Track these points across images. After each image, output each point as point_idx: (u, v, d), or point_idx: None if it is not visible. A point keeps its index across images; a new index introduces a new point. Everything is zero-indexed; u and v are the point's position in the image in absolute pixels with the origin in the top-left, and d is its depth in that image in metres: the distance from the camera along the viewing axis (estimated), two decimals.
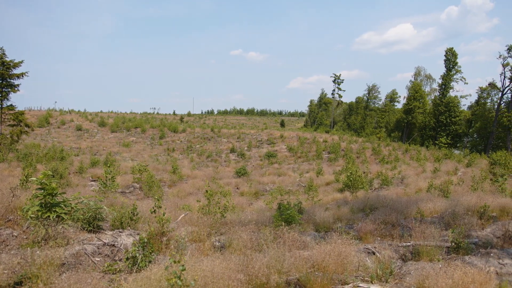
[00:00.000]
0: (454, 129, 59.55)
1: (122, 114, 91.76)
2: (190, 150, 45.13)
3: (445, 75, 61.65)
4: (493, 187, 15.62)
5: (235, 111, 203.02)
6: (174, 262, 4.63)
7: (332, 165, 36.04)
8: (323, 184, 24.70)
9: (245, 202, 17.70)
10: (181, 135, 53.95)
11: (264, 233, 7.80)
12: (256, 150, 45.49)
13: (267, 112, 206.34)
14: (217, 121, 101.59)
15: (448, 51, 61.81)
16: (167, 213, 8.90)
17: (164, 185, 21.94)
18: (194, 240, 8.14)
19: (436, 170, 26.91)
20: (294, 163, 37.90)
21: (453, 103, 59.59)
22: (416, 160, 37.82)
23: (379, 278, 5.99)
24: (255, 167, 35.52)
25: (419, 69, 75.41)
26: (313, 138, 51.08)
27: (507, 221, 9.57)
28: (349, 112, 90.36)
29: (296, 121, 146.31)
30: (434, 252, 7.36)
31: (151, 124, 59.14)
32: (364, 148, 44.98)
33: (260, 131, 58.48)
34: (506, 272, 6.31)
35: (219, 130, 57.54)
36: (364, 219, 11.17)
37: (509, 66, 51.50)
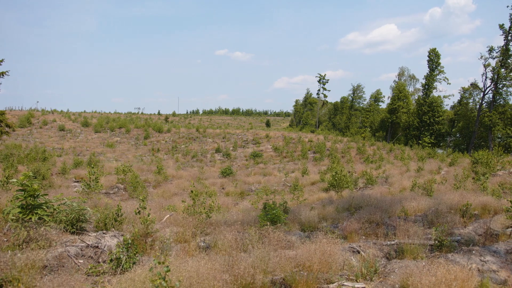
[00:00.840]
0: (437, 129, 60.36)
1: (106, 114, 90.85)
2: (175, 150, 44.86)
3: (428, 75, 62.45)
4: (475, 186, 15.87)
5: (220, 111, 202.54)
6: (158, 263, 4.58)
7: (318, 165, 36.19)
8: (308, 183, 24.78)
9: (231, 202, 17.66)
10: (166, 135, 53.61)
11: (249, 233, 7.79)
12: (242, 150, 45.44)
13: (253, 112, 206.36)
14: (202, 121, 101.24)
15: (431, 51, 62.63)
16: (152, 214, 8.84)
17: (149, 185, 21.76)
18: (179, 240, 8.09)
19: (419, 169, 27.21)
20: (279, 163, 37.96)
21: (436, 103, 60.40)
22: (400, 159, 38.21)
23: (364, 277, 6.03)
24: (241, 167, 35.47)
25: (403, 70, 76.38)
26: (299, 138, 51.24)
27: (489, 219, 9.73)
28: (334, 112, 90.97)
29: (281, 121, 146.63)
30: (418, 250, 7.44)
31: (136, 124, 58.66)
32: (349, 148, 45.28)
33: (245, 131, 58.44)
34: (487, 269, 6.41)
35: (204, 130, 57.33)
36: (349, 218, 11.22)
37: (490, 67, 52.34)
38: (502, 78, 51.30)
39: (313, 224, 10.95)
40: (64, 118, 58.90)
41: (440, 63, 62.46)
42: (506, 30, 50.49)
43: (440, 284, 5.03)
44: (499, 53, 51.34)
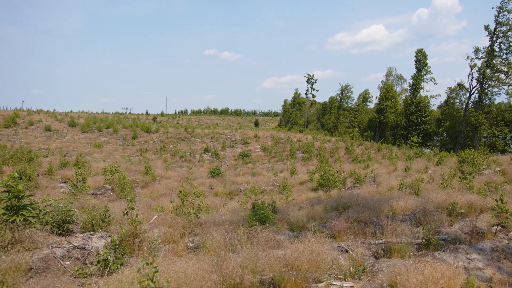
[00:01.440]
0: (424, 128, 60.98)
1: (93, 114, 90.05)
2: (163, 150, 44.62)
3: (416, 75, 63.06)
4: (461, 185, 16.05)
5: (209, 111, 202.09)
6: (146, 264, 4.54)
7: (306, 165, 36.28)
8: (297, 183, 24.83)
9: (219, 202, 17.62)
10: (154, 135, 53.30)
11: (238, 233, 7.77)
12: (230, 150, 45.37)
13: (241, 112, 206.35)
14: (190, 121, 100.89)
15: (418, 52, 63.24)
16: (140, 214, 8.78)
17: (137, 186, 21.61)
18: (168, 241, 8.04)
19: (407, 169, 27.43)
20: (268, 163, 37.98)
21: (423, 103, 61.02)
22: (388, 159, 38.49)
23: (352, 276, 6.05)
24: (229, 167, 35.42)
25: (391, 70, 77.02)
26: (287, 137, 51.32)
27: (475, 218, 9.84)
28: (322, 111, 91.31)
29: (270, 120, 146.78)
30: (405, 249, 7.49)
31: (123, 124, 58.20)
32: (337, 148, 45.48)
33: (234, 131, 58.37)
34: (473, 267, 6.48)
35: (192, 130, 57.14)
36: (338, 217, 11.27)
37: (476, 67, 53.02)
38: (488, 79, 52.00)
39: (302, 224, 10.98)
40: (50, 118, 58.20)
41: (427, 63, 63.12)
42: (491, 31, 51.21)
43: (427, 282, 5.07)
44: (485, 53, 52.06)
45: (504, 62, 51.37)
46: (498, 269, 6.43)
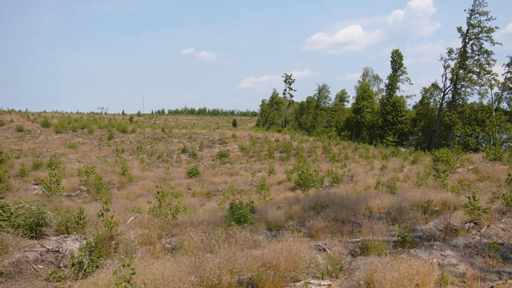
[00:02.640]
0: (400, 128, 61.98)
1: (67, 114, 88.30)
2: (140, 150, 44.09)
3: (392, 75, 64.02)
4: (436, 183, 16.37)
5: (186, 110, 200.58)
6: (123, 266, 4.48)
7: (284, 164, 36.43)
8: (275, 183, 24.90)
9: (197, 203, 17.52)
10: (130, 135, 52.62)
11: (216, 234, 7.74)
12: (208, 150, 45.18)
13: (219, 112, 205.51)
14: (168, 121, 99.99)
15: (394, 52, 64.23)
16: (116, 216, 8.64)
17: (113, 187, 21.29)
18: (145, 242, 7.95)
19: (383, 168, 27.84)
20: (246, 163, 37.98)
21: (399, 103, 62.02)
22: (365, 158, 38.99)
23: (330, 274, 6.09)
24: (207, 167, 35.27)
25: (367, 70, 78.09)
26: (265, 137, 51.43)
27: (449, 215, 10.05)
28: (300, 111, 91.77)
29: (248, 120, 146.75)
30: (382, 246, 7.60)
31: (99, 124, 57.23)
32: (315, 147, 45.82)
33: (212, 131, 58.16)
34: (447, 263, 6.61)
35: (170, 130, 56.65)
36: (315, 216, 11.35)
37: (450, 68, 54.20)
38: (461, 79, 53.24)
39: (280, 223, 11.01)
40: (23, 118, 56.78)
41: (402, 63, 64.18)
42: (464, 33, 52.47)
43: (403, 279, 5.14)
44: (458, 54, 53.30)
45: (476, 63, 52.72)
46: (470, 264, 6.57)
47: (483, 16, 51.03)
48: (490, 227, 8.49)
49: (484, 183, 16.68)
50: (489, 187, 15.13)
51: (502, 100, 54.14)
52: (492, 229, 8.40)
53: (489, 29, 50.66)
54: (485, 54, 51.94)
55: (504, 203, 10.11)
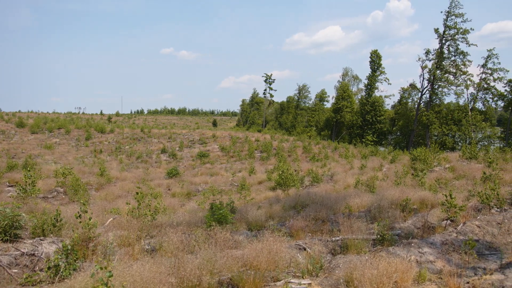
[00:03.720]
0: (379, 127, 62.77)
1: (43, 114, 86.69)
2: (118, 151, 43.51)
3: (371, 76, 64.79)
4: (414, 181, 16.61)
5: (166, 110, 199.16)
6: (100, 269, 4.40)
7: (265, 164, 36.47)
8: (255, 183, 24.90)
9: (177, 203, 17.38)
10: (109, 135, 51.88)
11: (196, 234, 7.69)
12: (188, 150, 44.91)
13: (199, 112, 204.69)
14: (147, 121, 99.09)
15: (373, 53, 65.01)
16: (94, 217, 8.51)
17: (91, 188, 20.94)
18: (123, 244, 7.83)
19: (363, 167, 28.11)
20: (226, 163, 37.88)
21: (378, 103, 62.80)
22: (344, 157, 39.32)
23: (310, 273, 6.11)
24: (187, 168, 35.04)
25: (347, 70, 78.78)
26: (246, 137, 51.39)
27: (426, 213, 10.22)
28: (280, 111, 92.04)
29: (228, 120, 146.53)
30: (361, 245, 7.66)
31: (76, 124, 56.27)
32: (295, 147, 46.00)
33: (192, 131, 57.84)
34: (425, 260, 6.71)
35: (149, 130, 56.09)
36: (296, 216, 11.38)
37: (427, 68, 55.13)
38: (438, 79, 54.22)
39: (260, 223, 11.00)
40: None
41: (381, 64, 65.01)
42: (441, 34, 53.48)
43: (382, 276, 5.20)
44: (435, 55, 54.26)
45: (453, 64, 53.80)
46: (447, 261, 6.69)
47: (459, 18, 52.13)
48: (466, 224, 8.66)
49: (461, 181, 17.00)
50: (465, 185, 15.42)
51: (477, 100, 55.42)
52: (468, 226, 8.57)
53: (464, 30, 51.75)
54: (461, 55, 53.07)
55: (479, 200, 10.32)
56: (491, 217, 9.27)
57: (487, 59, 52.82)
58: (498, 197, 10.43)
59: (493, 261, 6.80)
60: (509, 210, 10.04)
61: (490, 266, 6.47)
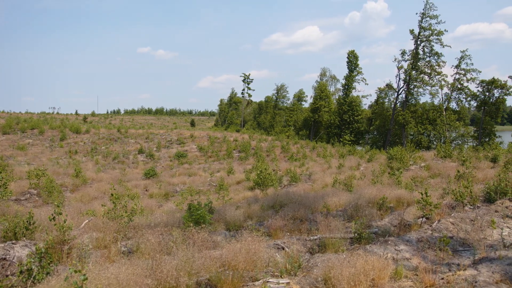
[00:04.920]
0: (356, 127, 63.43)
1: (15, 114, 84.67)
2: (94, 152, 42.79)
3: (348, 76, 65.39)
4: (390, 180, 16.87)
5: (143, 110, 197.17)
6: (75, 272, 4.30)
7: (243, 164, 36.45)
8: (234, 183, 24.86)
9: (155, 204, 17.20)
10: (84, 136, 50.96)
11: (173, 235, 7.61)
12: (166, 151, 44.51)
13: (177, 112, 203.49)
14: (124, 121, 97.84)
15: (350, 53, 65.63)
16: (69, 219, 8.33)
17: (66, 190, 20.53)
18: (99, 246, 7.70)
19: (340, 166, 28.39)
20: (204, 163, 37.72)
21: (355, 103, 63.44)
22: (322, 156, 39.65)
23: (289, 272, 6.12)
24: (165, 168, 34.73)
25: (325, 70, 79.34)
26: (224, 137, 51.26)
27: (402, 211, 10.38)
28: (259, 111, 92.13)
29: (206, 120, 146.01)
30: (339, 243, 7.72)
31: (50, 124, 55.05)
32: (273, 146, 46.12)
33: (169, 131, 57.34)
34: (401, 258, 6.80)
35: (126, 130, 55.34)
36: (274, 215, 11.40)
37: (403, 69, 55.99)
38: (413, 80, 55.14)
39: (239, 223, 10.98)
40: None
41: (358, 64, 65.69)
42: (416, 35, 54.43)
43: (359, 274, 5.24)
44: (410, 56, 55.17)
45: (427, 64, 54.81)
46: (423, 258, 6.80)
47: (433, 20, 53.12)
48: (441, 222, 8.82)
49: (436, 179, 17.36)
50: (440, 183, 15.75)
51: (452, 100, 56.62)
52: (443, 223, 8.74)
53: (439, 32, 52.78)
54: (435, 56, 54.09)
55: (453, 198, 10.55)
56: (465, 214, 9.48)
57: (461, 60, 54.03)
58: (471, 194, 10.68)
59: (466, 257, 6.95)
60: (482, 207, 10.28)
61: (464, 262, 6.61)
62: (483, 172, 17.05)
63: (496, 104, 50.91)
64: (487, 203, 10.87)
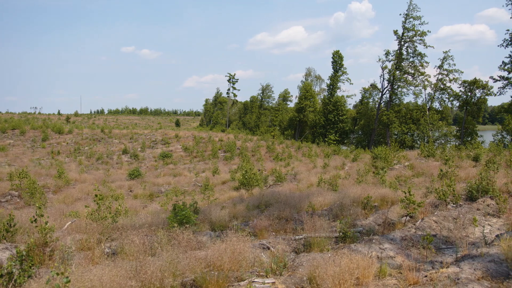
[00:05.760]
0: (341, 127, 63.77)
1: None
2: (78, 152, 42.24)
3: (333, 76, 65.68)
4: (375, 179, 17.01)
5: (127, 110, 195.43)
6: (57, 274, 4.23)
7: (228, 164, 36.38)
8: (219, 183, 24.78)
9: (139, 205, 17.05)
10: (67, 136, 50.25)
11: (158, 236, 7.54)
12: (150, 151, 44.18)
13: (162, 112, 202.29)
14: (108, 121, 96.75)
15: (335, 53, 65.94)
16: (52, 221, 8.22)
17: (48, 191, 20.22)
18: (83, 248, 7.60)
19: (325, 166, 28.52)
20: (190, 163, 37.54)
21: (340, 102, 63.78)
22: (307, 156, 39.78)
23: (274, 272, 6.12)
24: (150, 168, 34.46)
25: (310, 70, 79.71)
26: (209, 137, 51.10)
27: (387, 210, 10.47)
28: (244, 111, 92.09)
29: (191, 120, 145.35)
30: (324, 242, 7.75)
31: (32, 125, 54.14)
32: (259, 146, 46.12)
33: (154, 131, 56.93)
34: (385, 256, 6.86)
35: (110, 130, 54.75)
36: (260, 215, 11.40)
37: (387, 69, 56.55)
38: (397, 80, 55.74)
39: (224, 223, 10.95)
40: None
41: (343, 64, 66.00)
42: (400, 36, 55.01)
43: (344, 273, 5.27)
44: (394, 56, 55.75)
45: (411, 64, 55.48)
46: (407, 256, 6.87)
47: (416, 21, 53.77)
48: (424, 220, 8.93)
49: (419, 178, 17.55)
50: (424, 182, 15.94)
51: (435, 100, 57.35)
52: (426, 222, 8.84)
53: (422, 32, 53.42)
54: (419, 56, 54.76)
55: (436, 197, 10.69)
56: (448, 212, 9.61)
57: (443, 60, 54.79)
58: (454, 193, 10.84)
59: (449, 254, 7.04)
60: (464, 206, 10.44)
61: (447, 259, 6.69)
62: (465, 171, 17.30)
63: (478, 104, 51.77)
64: (469, 201, 11.04)
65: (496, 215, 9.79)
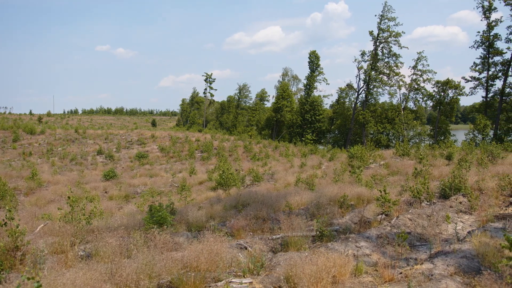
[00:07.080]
0: (318, 126, 64.22)
1: None
2: (50, 153, 41.30)
3: (310, 76, 66.11)
4: (351, 178, 17.19)
5: (102, 110, 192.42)
6: (28, 279, 4.09)
7: (205, 164, 36.20)
8: (196, 183, 24.63)
9: (115, 206, 16.79)
10: (39, 137, 49.07)
11: (134, 238, 7.43)
12: (126, 151, 43.58)
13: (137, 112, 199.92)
14: (82, 121, 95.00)
15: (311, 53, 66.40)
16: (23, 224, 8.00)
17: (20, 193, 19.71)
18: (56, 251, 7.42)
19: (303, 165, 28.68)
20: (166, 163, 37.19)
21: (317, 102, 64.23)
22: (285, 156, 39.93)
23: (251, 272, 6.11)
24: (125, 169, 33.98)
25: (287, 70, 79.96)
26: (186, 137, 50.74)
27: (363, 208, 10.59)
28: (221, 111, 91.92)
29: (168, 120, 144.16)
30: (301, 242, 7.78)
31: (2, 125, 52.65)
32: (236, 146, 46.05)
33: (130, 131, 56.19)
34: (362, 254, 6.93)
35: (84, 131, 53.74)
36: (237, 215, 11.37)
37: (363, 69, 57.25)
38: (373, 80, 56.51)
39: (201, 224, 10.88)
40: None
41: (319, 64, 66.50)
42: (375, 37, 55.80)
43: (321, 272, 5.29)
44: (370, 57, 56.48)
45: (386, 65, 56.35)
46: (382, 254, 6.96)
47: (391, 22, 54.67)
48: (399, 218, 9.07)
49: (394, 177, 17.82)
50: (399, 180, 16.18)
51: (409, 100, 58.38)
52: (401, 219, 8.98)
53: (396, 33, 54.33)
54: (393, 57, 55.67)
55: (411, 195, 10.87)
56: (422, 210, 9.79)
57: (417, 61, 55.85)
58: (428, 191, 11.06)
59: (423, 251, 7.17)
60: (438, 203, 10.66)
61: (421, 256, 6.81)
62: (439, 169, 17.66)
63: (451, 104, 52.95)
64: (443, 199, 11.28)
65: (468, 212, 10.03)
